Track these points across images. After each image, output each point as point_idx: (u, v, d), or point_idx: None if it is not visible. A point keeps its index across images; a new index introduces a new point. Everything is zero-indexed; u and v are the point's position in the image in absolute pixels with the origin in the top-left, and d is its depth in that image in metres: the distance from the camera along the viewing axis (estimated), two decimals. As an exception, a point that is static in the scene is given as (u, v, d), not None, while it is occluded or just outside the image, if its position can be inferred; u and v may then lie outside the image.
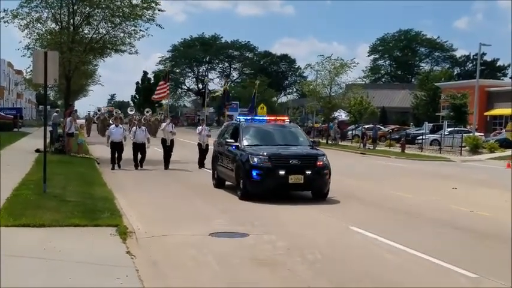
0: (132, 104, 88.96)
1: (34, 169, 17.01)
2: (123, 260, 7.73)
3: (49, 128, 24.25)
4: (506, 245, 9.66)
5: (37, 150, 23.03)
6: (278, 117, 17.56)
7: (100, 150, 26.67)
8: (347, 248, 9.24)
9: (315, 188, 14.17)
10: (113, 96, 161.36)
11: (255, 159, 13.88)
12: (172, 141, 21.90)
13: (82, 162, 21.35)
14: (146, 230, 9.92)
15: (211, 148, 20.46)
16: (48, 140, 18.46)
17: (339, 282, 7.31)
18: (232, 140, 15.38)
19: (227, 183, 16.06)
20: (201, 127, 22.88)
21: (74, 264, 7.33)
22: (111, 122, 44.29)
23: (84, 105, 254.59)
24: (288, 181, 13.63)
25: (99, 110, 66.55)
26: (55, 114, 31.23)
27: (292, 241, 9.52)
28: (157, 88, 25.90)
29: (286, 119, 17.68)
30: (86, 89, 72.51)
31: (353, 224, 10.96)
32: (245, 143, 14.95)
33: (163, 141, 21.85)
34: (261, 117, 18.76)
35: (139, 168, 20.73)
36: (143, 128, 21.99)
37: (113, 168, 20.29)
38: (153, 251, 8.61)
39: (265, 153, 13.99)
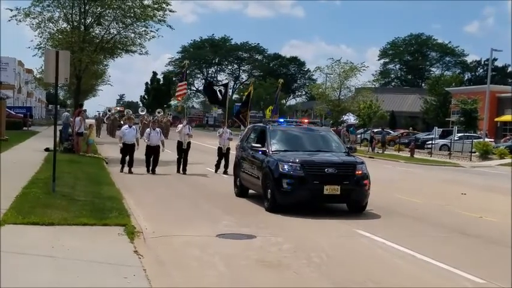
0: (141, 105, 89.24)
1: (43, 168, 17.11)
2: (131, 259, 7.76)
3: (59, 127, 24.37)
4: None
5: (46, 149, 23.18)
6: (309, 120, 16.22)
7: (109, 150, 26.79)
8: (353, 252, 9.22)
9: (352, 200, 12.79)
10: (122, 96, 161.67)
11: (286, 167, 12.44)
12: (189, 144, 20.54)
13: (91, 161, 21.44)
14: (154, 230, 9.96)
15: (232, 153, 19.57)
16: (57, 139, 18.51)
17: (345, 285, 7.30)
18: (259, 145, 13.96)
19: (250, 191, 14.86)
20: (222, 129, 21.46)
21: (82, 263, 7.37)
22: (122, 122, 43.97)
23: (93, 105, 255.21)
24: (323, 192, 12.18)
25: (109, 110, 65.87)
26: (66, 113, 31.37)
27: (299, 244, 9.52)
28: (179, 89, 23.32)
29: (318, 121, 16.59)
30: (95, 88, 72.81)
31: (360, 228, 10.94)
32: (273, 148, 13.52)
33: (180, 144, 20.42)
34: (290, 120, 16.87)
35: (151, 173, 19.46)
36: (158, 129, 20.39)
37: (121, 171, 19.38)
38: (160, 251, 8.64)
39: (297, 160, 12.52)
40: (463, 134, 44.53)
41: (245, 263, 8.15)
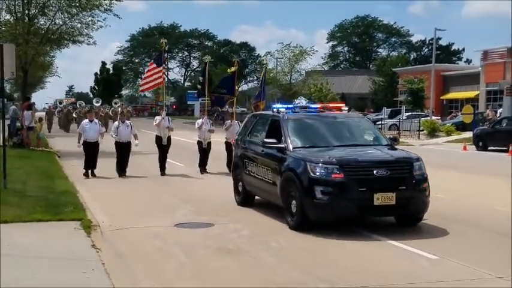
0: (91, 95, 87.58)
1: (-8, 164, 16.68)
2: (89, 253, 7.74)
3: (7, 122, 23.74)
4: (465, 226, 10.02)
5: (-5, 145, 22.58)
6: (332, 105, 12.99)
7: (60, 144, 26.29)
8: (311, 236, 9.35)
9: (410, 211, 9.67)
10: (71, 87, 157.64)
11: (318, 169, 9.26)
12: (169, 138, 17.30)
13: (42, 156, 21.02)
14: (111, 223, 9.91)
15: (214, 148, 17.93)
16: (6, 134, 18.04)
17: (303, 268, 7.47)
18: (274, 140, 10.49)
19: (256, 197, 11.96)
20: (201, 120, 18.05)
21: (39, 260, 7.30)
22: (74, 115, 41.84)
23: (42, 98, 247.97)
24: (373, 202, 9.08)
25: (60, 103, 62.29)
26: (13, 107, 30.54)
27: (256, 230, 9.65)
28: (148, 75, 18.15)
29: (344, 106, 12.43)
30: (43, 80, 71.00)
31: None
32: (294, 144, 10.27)
33: (159, 139, 17.24)
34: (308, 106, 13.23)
35: (123, 176, 16.36)
36: (128, 122, 16.96)
37: (86, 174, 16.24)
38: (118, 244, 8.63)
39: (333, 160, 9.34)
40: (410, 113, 45.56)
41: (205, 252, 8.22)
